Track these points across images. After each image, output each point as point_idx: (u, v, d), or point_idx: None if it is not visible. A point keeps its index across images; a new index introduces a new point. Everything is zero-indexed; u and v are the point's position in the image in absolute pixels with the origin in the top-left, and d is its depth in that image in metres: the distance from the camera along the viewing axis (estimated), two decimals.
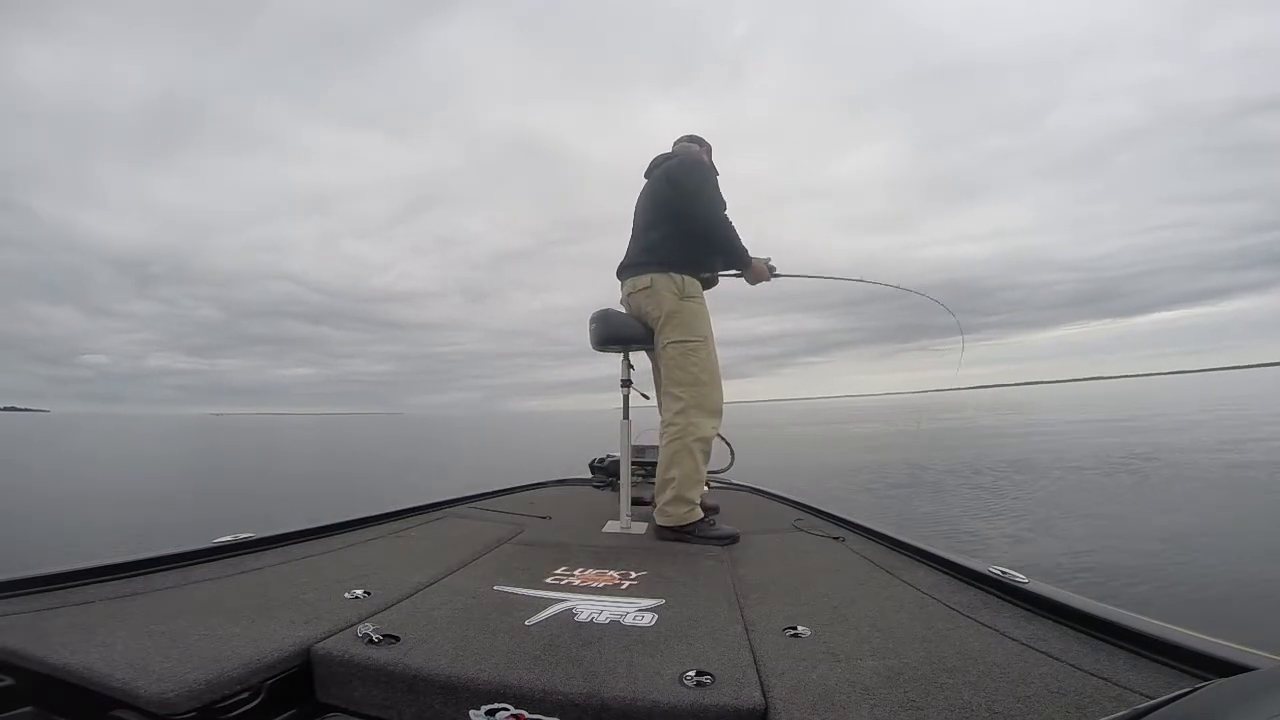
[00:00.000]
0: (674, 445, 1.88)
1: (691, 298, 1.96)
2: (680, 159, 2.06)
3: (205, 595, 1.18)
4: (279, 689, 0.89)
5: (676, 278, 1.94)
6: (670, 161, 2.07)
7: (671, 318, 1.93)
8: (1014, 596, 1.16)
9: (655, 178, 2.07)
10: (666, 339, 1.94)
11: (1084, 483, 7.00)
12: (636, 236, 2.08)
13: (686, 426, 1.88)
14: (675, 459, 1.86)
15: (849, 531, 1.86)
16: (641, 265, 2.00)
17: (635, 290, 2.00)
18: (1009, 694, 0.79)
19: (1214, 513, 5.19)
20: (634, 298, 2.02)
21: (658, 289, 1.94)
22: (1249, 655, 0.79)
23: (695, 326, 1.94)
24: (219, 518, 6.35)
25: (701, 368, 1.92)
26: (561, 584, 1.34)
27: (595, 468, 3.04)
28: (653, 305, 1.95)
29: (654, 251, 1.98)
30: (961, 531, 4.93)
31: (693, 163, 2.02)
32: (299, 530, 1.70)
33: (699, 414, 1.90)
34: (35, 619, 0.99)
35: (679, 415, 1.90)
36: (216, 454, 18.75)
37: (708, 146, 2.22)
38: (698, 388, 1.91)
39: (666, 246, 1.97)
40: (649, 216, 2.04)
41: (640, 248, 2.03)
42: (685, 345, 1.92)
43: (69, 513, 6.84)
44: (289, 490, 9.45)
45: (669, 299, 1.93)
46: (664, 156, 2.16)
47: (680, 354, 1.92)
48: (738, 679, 0.85)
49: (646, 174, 2.17)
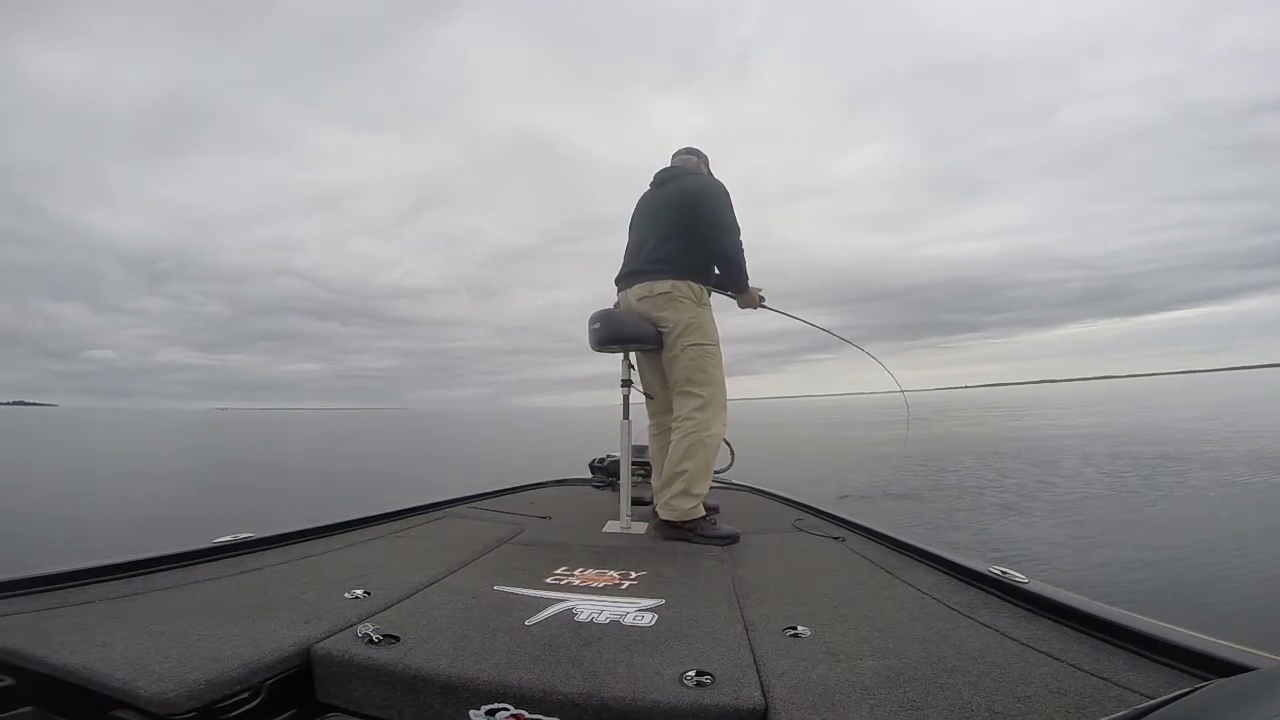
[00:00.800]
0: (690, 439, 1.93)
1: (706, 306, 2.07)
2: (702, 183, 2.10)
3: (205, 595, 1.18)
4: (279, 689, 0.89)
5: (695, 286, 2.03)
6: (693, 183, 2.10)
7: (691, 323, 2.01)
8: (1014, 596, 1.16)
9: (673, 195, 2.10)
10: (687, 341, 2.01)
11: (1089, 484, 7.00)
12: (646, 246, 2.11)
13: (705, 422, 1.95)
14: (690, 452, 1.91)
15: (849, 531, 1.86)
16: (659, 273, 2.05)
17: (650, 295, 2.04)
18: (1009, 694, 0.79)
19: (1215, 513, 5.19)
20: (646, 302, 2.06)
21: (677, 296, 2.01)
22: (1249, 655, 0.79)
23: (710, 332, 2.04)
24: (219, 515, 6.36)
25: (718, 370, 2.03)
26: (561, 584, 1.34)
27: (595, 468, 3.04)
28: (671, 311, 2.02)
29: (672, 262, 2.04)
30: (962, 531, 4.94)
31: (720, 192, 2.08)
32: (299, 530, 1.70)
33: (716, 410, 1.99)
34: (35, 619, 0.99)
35: (698, 410, 1.97)
36: (217, 449, 18.78)
37: (705, 157, 2.29)
38: (714, 387, 2.00)
39: (685, 259, 2.04)
40: (667, 229, 2.07)
41: (656, 257, 2.07)
42: (703, 348, 2.00)
43: (73, 508, 6.86)
44: (287, 486, 9.45)
45: (689, 306, 2.02)
46: (669, 171, 2.19)
47: (700, 355, 2.00)
48: (738, 679, 0.85)
49: (655, 185, 2.20)
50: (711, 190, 2.09)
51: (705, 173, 2.24)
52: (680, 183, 2.12)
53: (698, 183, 2.11)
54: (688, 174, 2.16)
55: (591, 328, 2.07)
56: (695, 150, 2.31)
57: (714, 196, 2.07)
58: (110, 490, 8.81)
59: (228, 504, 7.53)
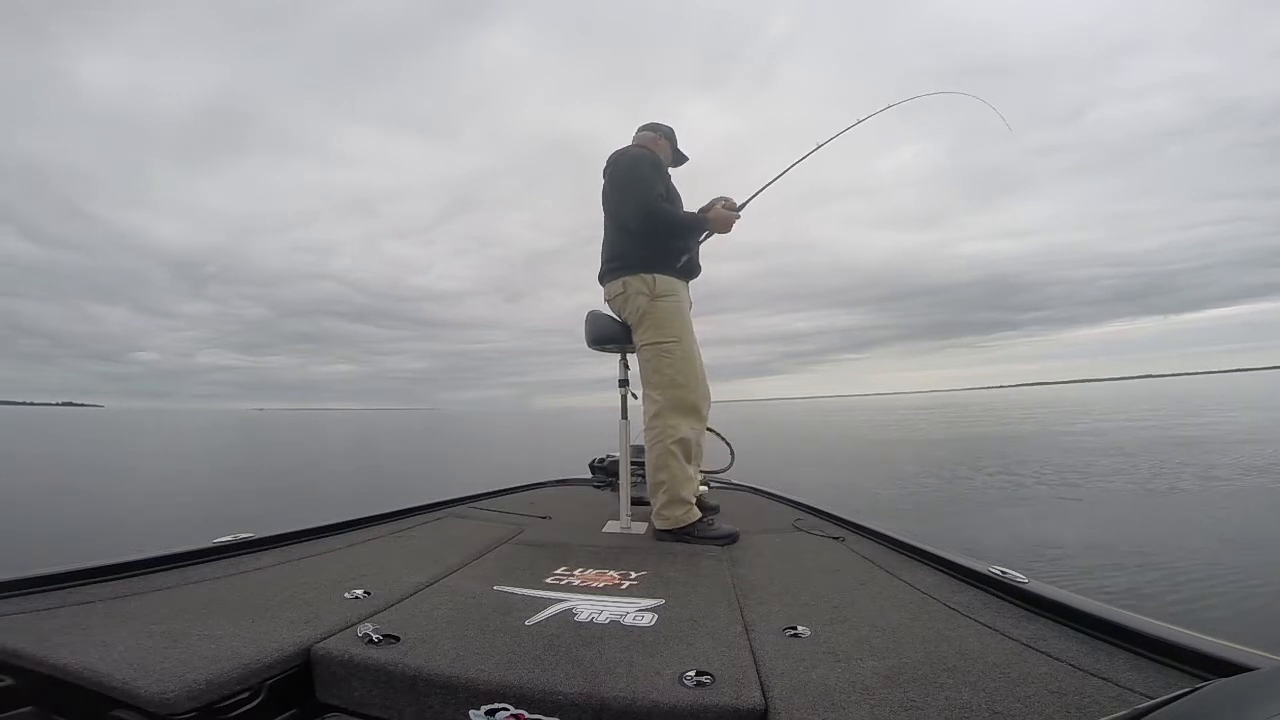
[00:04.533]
0: (656, 449, 1.88)
1: (664, 296, 1.91)
2: (616, 157, 1.98)
3: (205, 595, 1.18)
4: (279, 689, 0.89)
5: (648, 278, 1.91)
6: (613, 160, 1.99)
7: (644, 319, 1.91)
8: (1014, 596, 1.16)
9: (606, 184, 2.01)
10: (640, 340, 1.94)
11: (1090, 484, 6.99)
12: (605, 238, 2.06)
13: (664, 430, 1.88)
14: (661, 462, 1.87)
15: (849, 531, 1.86)
16: (612, 271, 1.97)
17: (612, 296, 2.00)
18: (1009, 694, 0.79)
19: (1216, 514, 5.18)
20: (612, 303, 2.02)
21: (629, 292, 1.92)
22: (1249, 655, 0.79)
23: (668, 327, 1.90)
24: (223, 514, 6.38)
25: (676, 369, 1.89)
26: (561, 584, 1.34)
27: (595, 468, 3.04)
28: (628, 308, 1.94)
29: (622, 258, 1.96)
30: (962, 530, 4.93)
31: (627, 161, 1.94)
32: (299, 530, 1.70)
33: (675, 416, 1.89)
34: (35, 619, 0.98)
35: (655, 419, 1.90)
36: (242, 450, 18.84)
37: (667, 130, 2.14)
38: (672, 389, 1.89)
39: (634, 245, 1.94)
40: (607, 219, 2.02)
41: (608, 252, 2.01)
42: (659, 347, 1.90)
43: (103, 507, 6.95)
44: (288, 487, 9.46)
45: (640, 301, 1.91)
46: (619, 152, 2.04)
47: (654, 356, 1.91)
48: (738, 679, 0.85)
49: (604, 172, 2.06)
50: (619, 162, 1.94)
51: (640, 148, 2.03)
52: (609, 168, 2.00)
53: (615, 159, 1.97)
54: (618, 154, 2.00)
55: (585, 328, 2.09)
56: (658, 125, 2.14)
57: (619, 169, 1.92)
58: (143, 489, 8.85)
59: (233, 504, 7.55)
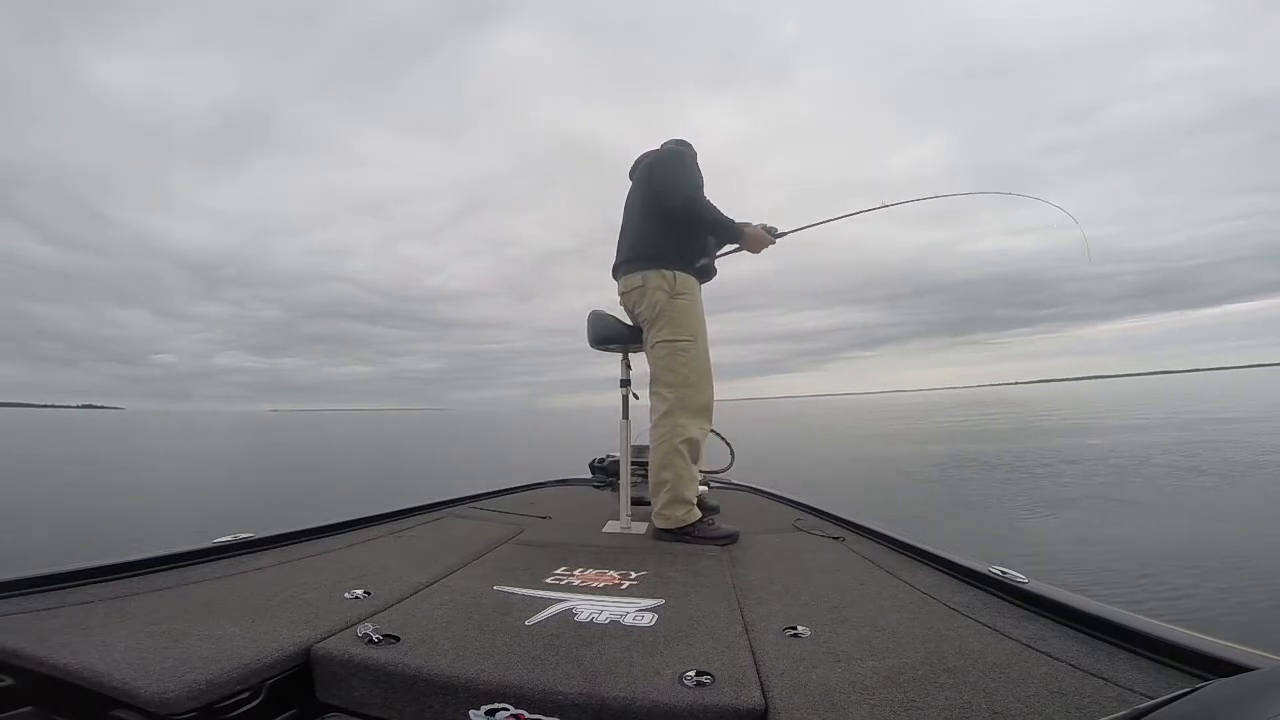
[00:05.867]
0: (663, 447, 1.88)
1: (682, 294, 1.92)
2: (656, 153, 2.06)
3: (205, 595, 1.18)
4: (279, 689, 0.89)
5: (668, 274, 1.91)
6: (651, 157, 2.07)
7: (661, 316, 1.90)
8: (1014, 596, 1.16)
9: (640, 174, 2.07)
10: (655, 338, 1.92)
11: (1089, 484, 6.99)
12: (625, 234, 2.07)
13: (673, 429, 1.88)
14: (666, 461, 1.86)
15: (849, 531, 1.86)
16: (632, 263, 1.97)
17: (628, 289, 1.98)
18: (1009, 694, 0.79)
19: (1216, 514, 5.18)
20: (626, 297, 2.00)
21: (649, 287, 1.91)
22: (1249, 655, 0.79)
23: (685, 325, 1.91)
24: (225, 514, 6.39)
25: (690, 368, 1.90)
26: (561, 584, 1.34)
27: (595, 468, 3.04)
28: (644, 304, 1.93)
29: (644, 247, 1.96)
30: (963, 531, 4.93)
31: (670, 152, 2.03)
32: (299, 530, 1.70)
33: (684, 415, 1.89)
34: (35, 619, 0.98)
35: (665, 417, 1.89)
36: (252, 452, 18.88)
37: (692, 151, 2.19)
38: (685, 388, 1.90)
39: (656, 241, 1.94)
40: (637, 212, 2.03)
41: (629, 244, 2.02)
42: (674, 345, 1.90)
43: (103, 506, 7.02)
44: (290, 487, 9.47)
45: (659, 296, 1.90)
46: (645, 155, 2.13)
47: (669, 353, 1.90)
48: (738, 679, 0.85)
49: (630, 174, 2.15)
50: (661, 157, 2.02)
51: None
52: (644, 162, 2.07)
53: (653, 155, 2.05)
54: (652, 153, 2.09)
55: (587, 328, 2.08)
56: (684, 142, 2.19)
57: (662, 162, 1.99)
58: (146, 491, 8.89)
59: (237, 504, 7.57)
